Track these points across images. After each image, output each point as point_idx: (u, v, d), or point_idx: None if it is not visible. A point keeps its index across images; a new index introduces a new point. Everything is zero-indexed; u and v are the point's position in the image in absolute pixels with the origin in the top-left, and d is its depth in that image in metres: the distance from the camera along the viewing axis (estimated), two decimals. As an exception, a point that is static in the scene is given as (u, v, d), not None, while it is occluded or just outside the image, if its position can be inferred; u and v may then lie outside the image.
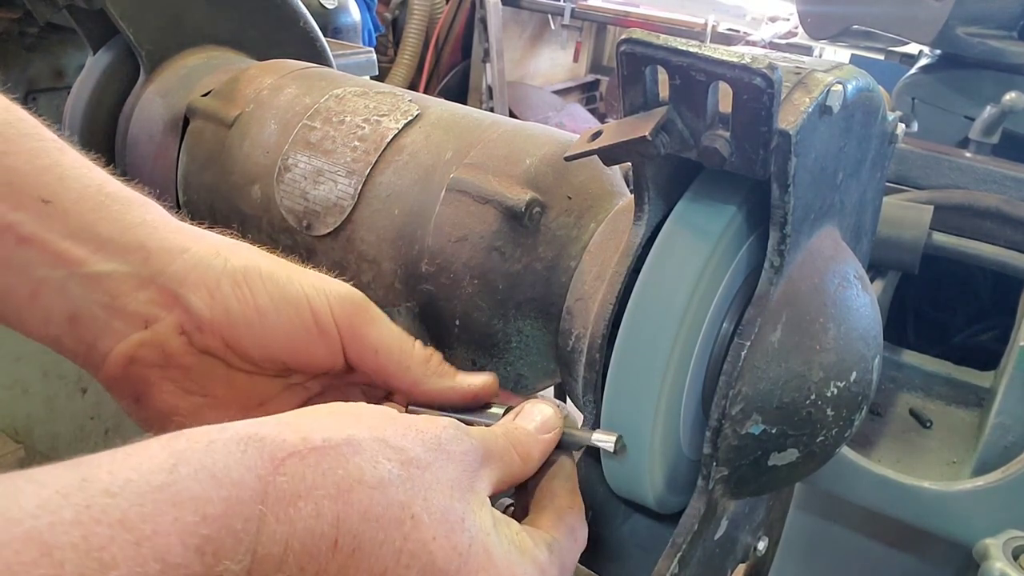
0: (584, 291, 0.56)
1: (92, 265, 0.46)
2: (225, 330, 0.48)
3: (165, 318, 0.48)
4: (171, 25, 0.82)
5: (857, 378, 0.52)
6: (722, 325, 0.52)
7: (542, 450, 0.48)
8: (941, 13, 1.12)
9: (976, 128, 1.09)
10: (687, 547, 0.51)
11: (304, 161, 0.67)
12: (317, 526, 0.35)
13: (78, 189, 0.47)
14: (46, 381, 1.71)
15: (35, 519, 0.28)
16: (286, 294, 0.49)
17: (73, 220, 0.46)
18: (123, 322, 0.48)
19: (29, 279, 0.46)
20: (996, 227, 0.96)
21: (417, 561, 0.37)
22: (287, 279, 0.50)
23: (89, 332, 0.47)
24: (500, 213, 0.59)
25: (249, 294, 0.49)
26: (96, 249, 0.46)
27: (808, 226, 0.51)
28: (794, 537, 1.11)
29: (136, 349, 0.48)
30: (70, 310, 0.47)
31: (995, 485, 0.83)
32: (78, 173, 0.47)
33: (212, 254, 0.49)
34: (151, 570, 0.29)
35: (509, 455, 0.46)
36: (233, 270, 0.49)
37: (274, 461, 0.35)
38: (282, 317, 0.49)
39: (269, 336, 0.49)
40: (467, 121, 0.66)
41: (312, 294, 0.50)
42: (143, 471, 0.31)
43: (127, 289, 0.47)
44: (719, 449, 0.50)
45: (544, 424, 0.49)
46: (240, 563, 0.32)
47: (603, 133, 0.49)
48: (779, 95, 0.42)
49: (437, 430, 0.42)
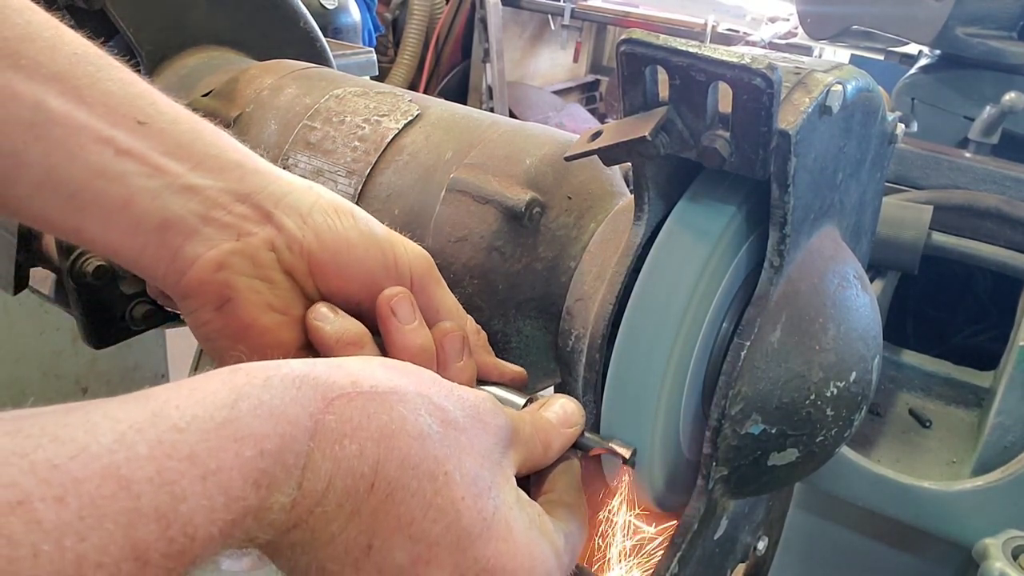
0: (584, 291, 0.56)
1: (189, 178, 0.48)
2: (313, 255, 0.50)
3: (258, 232, 0.49)
4: (171, 25, 0.82)
5: (857, 378, 0.52)
6: (722, 325, 0.53)
7: (563, 443, 0.50)
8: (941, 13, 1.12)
9: (976, 128, 1.09)
10: (687, 547, 0.51)
11: (304, 161, 0.67)
12: (358, 466, 0.36)
13: (172, 115, 0.49)
14: (45, 382, 1.71)
15: (112, 453, 0.29)
16: (374, 234, 0.52)
17: (169, 139, 0.48)
18: (216, 230, 0.49)
19: (125, 187, 0.47)
20: (996, 227, 0.96)
21: (444, 516, 0.38)
22: (376, 223, 0.53)
23: (179, 237, 0.48)
24: (500, 213, 0.59)
25: (340, 226, 0.51)
26: (194, 166, 0.48)
27: (808, 226, 0.51)
28: (794, 537, 1.11)
29: (228, 256, 0.49)
30: (163, 217, 0.48)
31: (995, 485, 0.83)
32: (169, 102, 0.50)
33: (305, 187, 0.52)
34: (216, 503, 0.31)
35: (533, 441, 0.48)
36: (326, 203, 0.51)
37: (325, 400, 0.36)
38: (368, 253, 0.51)
39: (352, 268, 0.51)
40: (467, 121, 0.66)
41: (396, 241, 0.53)
42: (207, 406, 0.33)
43: (224, 201, 0.49)
44: (719, 449, 0.50)
45: (568, 419, 0.51)
46: (289, 496, 0.34)
47: (603, 133, 0.49)
48: (779, 95, 0.42)
49: (477, 399, 0.44)
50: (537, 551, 0.42)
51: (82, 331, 0.78)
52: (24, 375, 1.66)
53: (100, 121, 0.46)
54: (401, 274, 0.52)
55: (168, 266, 0.49)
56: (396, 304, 0.51)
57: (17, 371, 1.65)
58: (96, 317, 0.77)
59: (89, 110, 0.46)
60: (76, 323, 0.79)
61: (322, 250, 0.50)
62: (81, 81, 0.47)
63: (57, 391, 1.74)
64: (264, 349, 0.50)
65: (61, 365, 1.71)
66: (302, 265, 0.50)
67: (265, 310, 0.50)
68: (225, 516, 0.31)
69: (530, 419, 0.48)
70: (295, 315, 0.51)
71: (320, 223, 0.50)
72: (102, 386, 1.81)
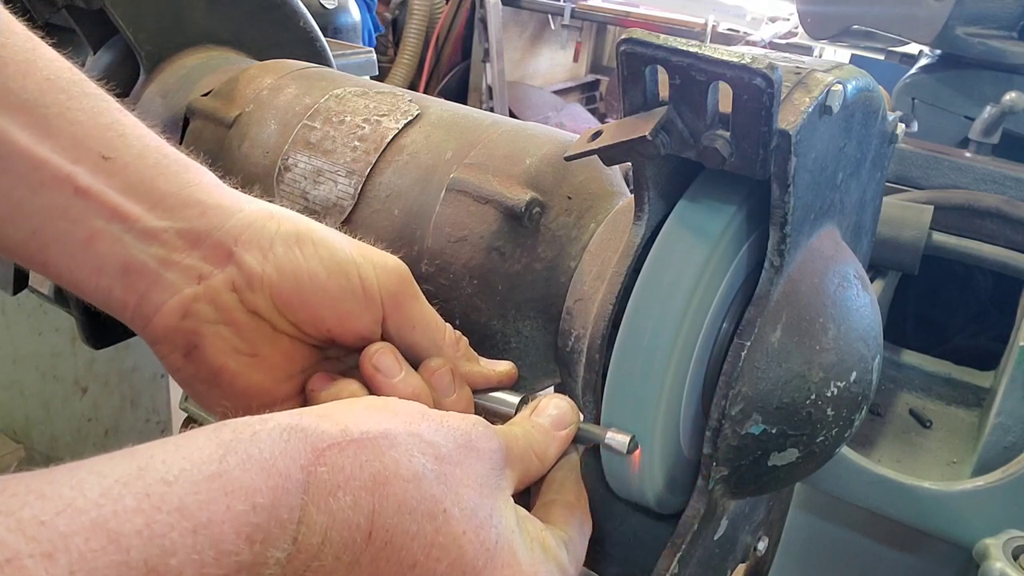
0: (584, 291, 0.56)
1: (148, 221, 0.48)
2: (275, 289, 0.49)
3: (218, 274, 0.49)
4: (171, 25, 0.82)
5: (857, 378, 0.52)
6: (722, 325, 0.52)
7: (558, 448, 0.49)
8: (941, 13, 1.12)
9: (976, 128, 1.09)
10: (687, 547, 0.51)
11: (304, 161, 0.67)
12: (354, 517, 0.36)
13: (138, 147, 0.48)
14: (44, 383, 1.71)
15: (100, 507, 0.29)
16: (337, 259, 0.50)
17: (132, 175, 0.47)
18: (178, 275, 0.48)
19: (86, 228, 0.47)
20: (996, 227, 0.96)
21: (447, 554, 0.38)
22: (339, 246, 0.51)
23: (142, 283, 0.48)
24: (500, 213, 0.59)
25: (301, 256, 0.50)
26: (152, 206, 0.48)
27: (808, 226, 0.51)
28: (794, 537, 1.11)
29: (190, 303, 0.49)
30: (124, 261, 0.47)
31: (995, 485, 0.83)
32: (138, 133, 0.49)
33: (266, 216, 0.50)
34: (206, 557, 0.31)
35: (528, 456, 0.47)
36: (286, 233, 0.50)
37: (316, 451, 0.36)
38: (332, 281, 0.50)
39: (317, 299, 0.50)
40: (467, 121, 0.66)
41: (361, 262, 0.51)
42: (195, 460, 0.32)
43: (183, 244, 0.48)
44: (719, 449, 0.50)
45: (560, 420, 0.50)
46: (284, 551, 0.33)
47: (603, 133, 0.49)
48: (779, 95, 0.42)
49: (467, 426, 0.43)
50: (543, 571, 0.42)
51: (81, 332, 0.78)
52: (23, 376, 1.66)
53: (63, 156, 0.46)
54: (369, 297, 0.51)
55: (135, 311, 0.49)
56: (378, 360, 0.50)
57: (16, 372, 1.65)
58: (95, 318, 0.77)
59: (53, 143, 0.45)
60: (75, 324, 0.79)
61: (284, 283, 0.49)
62: (50, 110, 0.46)
63: (56, 392, 1.73)
64: (237, 394, 0.50)
65: (60, 366, 1.71)
66: (266, 302, 0.49)
67: (232, 355, 0.50)
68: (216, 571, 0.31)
69: (522, 433, 0.48)
70: (265, 355, 0.50)
71: (281, 256, 0.49)
72: (101, 387, 1.80)
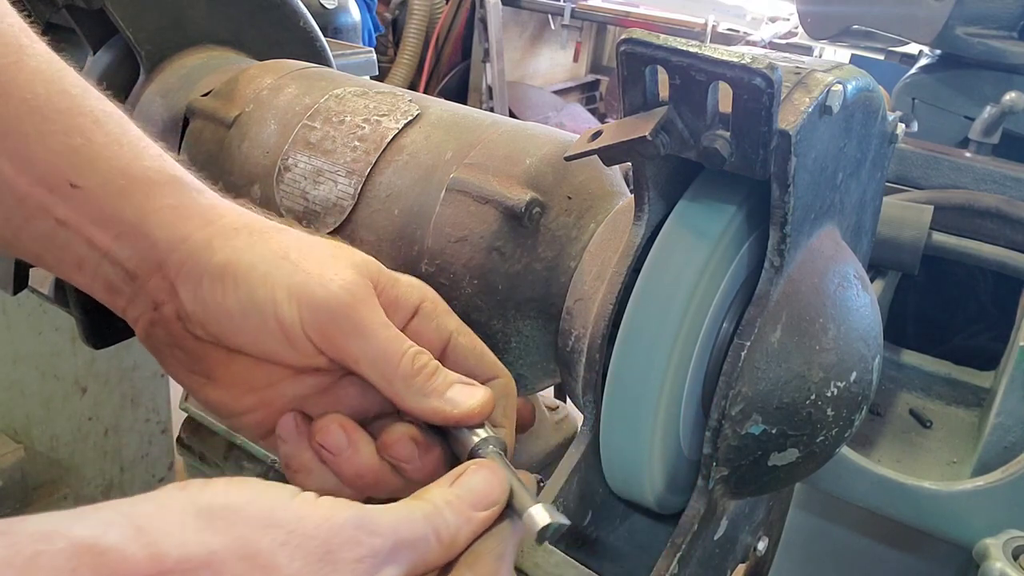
0: (584, 291, 0.56)
1: (113, 250, 0.49)
2: (205, 326, 0.48)
3: (167, 304, 0.49)
4: (171, 25, 0.82)
5: (857, 378, 0.52)
6: (722, 325, 0.52)
7: (472, 532, 0.42)
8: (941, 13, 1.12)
9: (976, 128, 1.09)
10: (687, 547, 0.51)
11: (304, 161, 0.67)
12: None
13: (104, 172, 0.48)
14: (43, 382, 1.71)
15: None
16: (254, 299, 0.46)
17: (99, 206, 0.48)
18: (141, 300, 0.50)
19: (72, 254, 0.49)
20: (996, 227, 0.96)
21: None
22: (260, 281, 0.46)
23: (121, 301, 0.50)
24: (500, 213, 0.59)
25: (221, 295, 0.47)
26: (116, 236, 0.48)
27: (808, 226, 0.51)
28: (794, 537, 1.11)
29: (149, 326, 0.50)
30: (106, 283, 0.50)
31: (995, 485, 0.83)
32: (107, 153, 0.48)
33: (203, 246, 0.48)
34: None
35: (425, 543, 0.40)
36: (216, 267, 0.47)
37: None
38: (247, 322, 0.47)
39: (240, 339, 0.48)
40: (467, 121, 0.66)
41: (281, 300, 0.46)
42: None
43: (142, 273, 0.49)
44: (719, 449, 0.50)
45: (483, 498, 0.43)
46: None
47: (603, 133, 0.49)
48: (779, 95, 0.42)
49: (328, 534, 0.36)
50: None
51: (81, 331, 0.78)
52: (23, 375, 1.66)
53: (41, 186, 0.47)
54: (291, 338, 0.46)
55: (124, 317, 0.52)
56: (322, 440, 0.47)
57: (16, 372, 1.65)
58: (95, 317, 0.77)
59: (31, 174, 0.46)
60: (75, 323, 0.79)
61: (210, 321, 0.48)
62: (29, 136, 0.46)
63: (56, 391, 1.73)
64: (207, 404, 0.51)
65: (60, 365, 1.71)
66: (204, 334, 0.49)
67: (188, 375, 0.50)
68: None
69: (427, 514, 0.40)
70: (218, 376, 0.50)
71: (206, 293, 0.47)
72: (101, 386, 1.80)
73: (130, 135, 0.50)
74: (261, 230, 0.49)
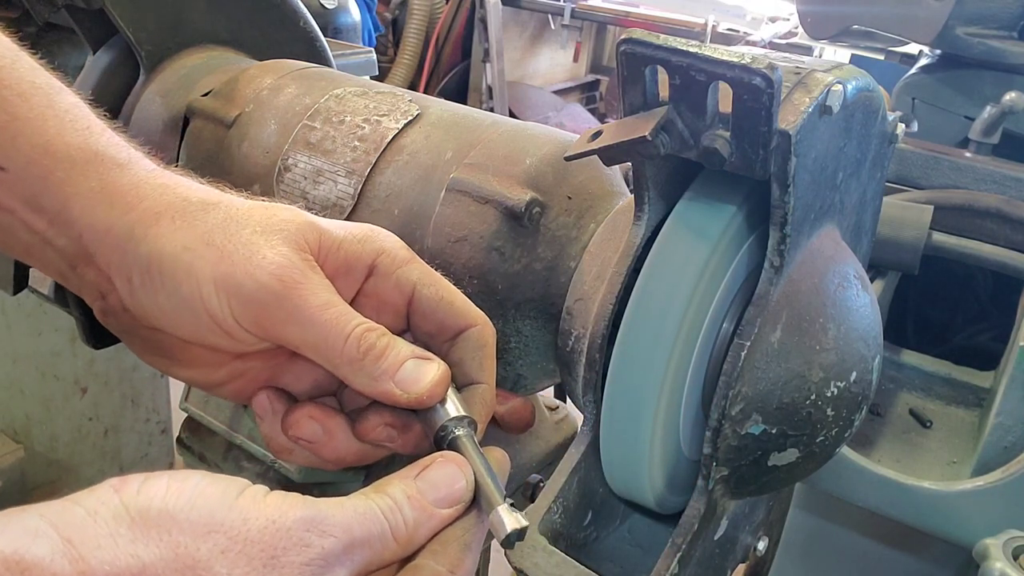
0: (584, 291, 0.56)
1: (52, 237, 0.46)
2: (146, 319, 0.46)
3: (111, 294, 0.47)
4: (171, 25, 0.82)
5: (857, 378, 0.52)
6: (722, 325, 0.52)
7: (432, 528, 0.40)
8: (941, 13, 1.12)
9: (976, 128, 1.09)
10: (687, 547, 0.51)
11: (304, 161, 0.67)
12: None
13: (27, 152, 0.44)
14: (43, 382, 1.71)
15: None
16: (181, 295, 0.44)
17: (27, 188, 0.45)
18: (88, 289, 0.48)
19: (18, 240, 0.46)
20: (996, 227, 0.96)
21: None
22: (185, 273, 0.44)
23: (73, 287, 0.49)
24: (500, 213, 0.59)
25: (152, 290, 0.45)
26: (49, 223, 0.46)
27: (808, 226, 0.51)
28: (794, 537, 1.11)
29: (101, 314, 0.49)
30: (56, 269, 0.48)
31: (995, 485, 0.83)
32: (30, 130, 0.44)
33: (127, 236, 0.44)
34: None
35: (381, 541, 0.38)
36: (140, 260, 0.44)
37: None
38: (180, 317, 0.45)
39: (182, 331, 0.46)
40: (467, 121, 0.66)
41: (208, 294, 0.43)
42: None
43: (80, 262, 0.47)
44: (719, 449, 0.50)
45: (446, 497, 0.40)
46: None
47: (603, 133, 0.49)
48: (779, 95, 0.42)
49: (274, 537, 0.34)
50: None
51: (81, 331, 0.78)
52: (22, 375, 1.66)
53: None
54: (226, 329, 0.44)
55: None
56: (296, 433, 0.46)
57: (15, 371, 1.65)
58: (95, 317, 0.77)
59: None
60: (75, 323, 0.79)
61: (149, 317, 0.46)
62: None
63: (56, 391, 1.73)
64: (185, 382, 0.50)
65: (60, 365, 1.71)
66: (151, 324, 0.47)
67: (150, 357, 0.49)
68: None
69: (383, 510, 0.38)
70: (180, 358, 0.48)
71: (138, 288, 0.45)
72: (101, 387, 1.80)
73: (57, 107, 0.46)
74: (184, 212, 0.45)
